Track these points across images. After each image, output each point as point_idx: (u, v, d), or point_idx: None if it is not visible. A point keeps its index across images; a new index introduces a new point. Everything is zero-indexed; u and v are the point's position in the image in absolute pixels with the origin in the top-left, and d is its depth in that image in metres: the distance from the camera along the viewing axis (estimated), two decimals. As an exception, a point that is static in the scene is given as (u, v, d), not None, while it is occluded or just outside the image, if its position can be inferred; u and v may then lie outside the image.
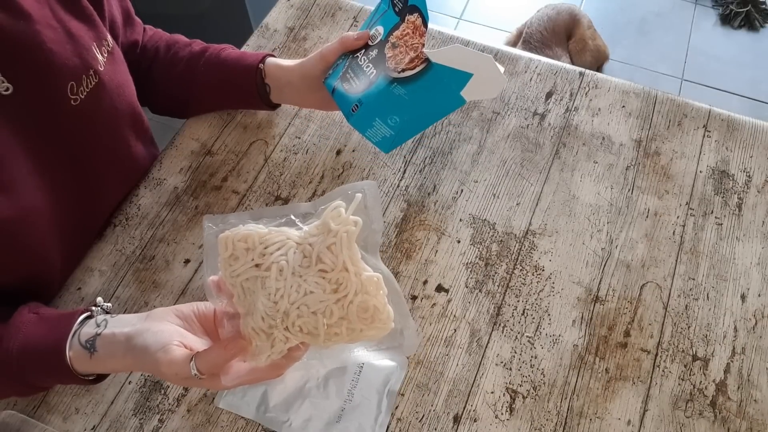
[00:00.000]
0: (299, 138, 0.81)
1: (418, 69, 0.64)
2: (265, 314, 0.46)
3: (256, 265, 0.46)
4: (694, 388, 0.64)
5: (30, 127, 0.57)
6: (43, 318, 0.57)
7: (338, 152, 0.80)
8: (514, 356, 0.66)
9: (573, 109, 0.83)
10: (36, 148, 0.58)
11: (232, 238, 0.47)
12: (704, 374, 0.65)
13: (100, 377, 0.58)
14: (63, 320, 0.55)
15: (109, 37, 0.64)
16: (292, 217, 0.50)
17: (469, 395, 0.64)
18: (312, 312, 0.45)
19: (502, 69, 0.63)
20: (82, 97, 0.60)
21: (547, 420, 0.62)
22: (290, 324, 0.46)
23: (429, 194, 0.76)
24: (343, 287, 0.45)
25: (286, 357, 0.49)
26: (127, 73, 0.69)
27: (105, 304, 0.58)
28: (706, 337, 0.67)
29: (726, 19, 2.12)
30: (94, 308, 0.57)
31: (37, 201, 0.59)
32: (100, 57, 0.62)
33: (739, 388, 0.64)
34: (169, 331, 0.51)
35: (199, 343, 0.51)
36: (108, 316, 0.55)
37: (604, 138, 0.81)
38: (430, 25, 0.66)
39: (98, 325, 0.54)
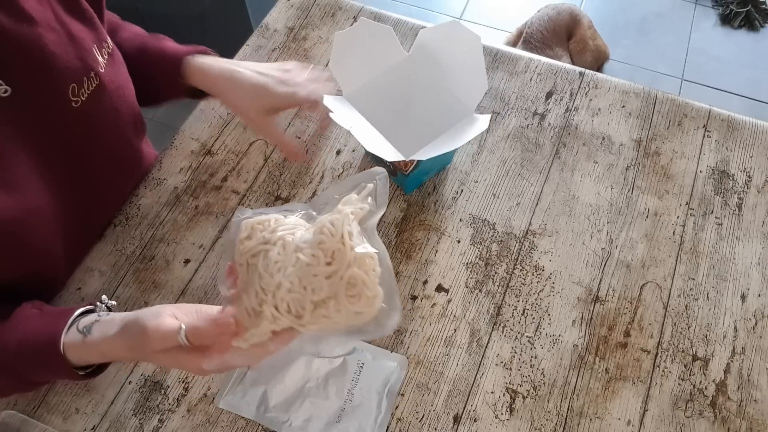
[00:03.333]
0: (299, 138, 0.81)
1: (413, 165, 0.69)
2: (260, 288, 0.46)
3: (265, 242, 0.47)
4: (694, 388, 0.64)
5: (31, 128, 0.57)
6: (45, 313, 0.57)
7: (338, 152, 0.80)
8: (514, 356, 0.66)
9: (573, 109, 0.83)
10: (38, 149, 0.58)
11: (251, 222, 0.48)
12: (704, 374, 0.65)
13: (95, 372, 0.57)
14: (64, 313, 0.56)
15: (108, 39, 0.64)
16: (312, 212, 0.51)
17: (469, 395, 0.64)
18: (303, 287, 0.46)
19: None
20: (83, 98, 0.60)
21: (547, 420, 0.62)
22: (279, 300, 0.46)
23: (429, 194, 0.76)
24: (338, 260, 0.46)
25: (268, 344, 0.48)
26: (127, 74, 0.69)
27: (110, 302, 0.59)
28: (706, 337, 0.67)
29: (726, 19, 2.12)
30: (98, 304, 0.58)
31: (40, 200, 0.59)
32: (100, 59, 0.62)
33: (739, 388, 0.64)
34: (164, 306, 0.51)
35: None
36: (111, 313, 0.56)
37: (604, 138, 0.81)
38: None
39: (99, 316, 0.55)
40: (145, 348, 0.49)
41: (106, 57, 0.63)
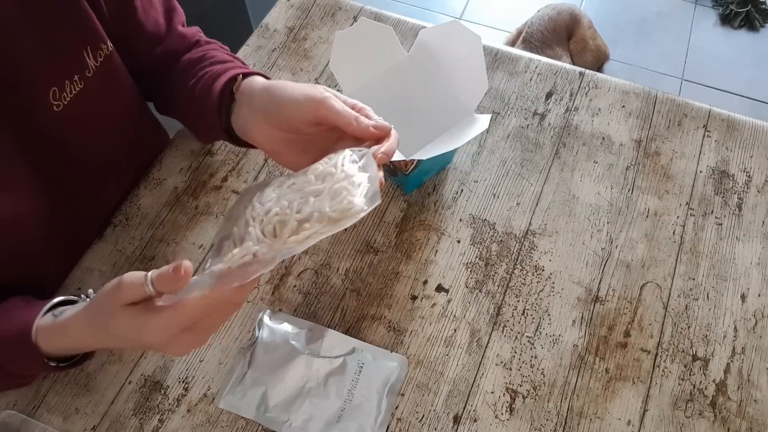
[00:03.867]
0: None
1: (414, 164, 0.69)
2: (249, 217, 0.46)
3: (264, 185, 0.49)
4: (694, 388, 0.64)
5: (13, 131, 0.56)
6: (29, 304, 0.57)
7: (338, 152, 0.80)
8: (514, 356, 0.66)
9: (573, 109, 0.83)
10: (23, 151, 0.58)
11: None
12: (704, 374, 0.65)
13: (70, 366, 0.57)
14: (45, 302, 0.55)
15: (108, 42, 0.62)
16: None
17: (469, 395, 0.64)
18: (290, 209, 0.45)
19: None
20: (65, 102, 0.59)
21: (547, 420, 0.62)
22: (266, 224, 0.45)
23: (429, 194, 0.76)
24: (327, 180, 0.47)
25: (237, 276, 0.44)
26: (123, 78, 0.67)
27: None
28: (706, 337, 0.67)
29: (726, 19, 2.12)
30: (82, 296, 0.57)
31: (27, 202, 0.59)
32: (90, 62, 0.60)
33: (739, 388, 0.64)
34: None
35: None
36: None
37: (604, 138, 0.81)
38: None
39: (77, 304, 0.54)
40: (113, 305, 0.46)
41: (99, 60, 0.61)
